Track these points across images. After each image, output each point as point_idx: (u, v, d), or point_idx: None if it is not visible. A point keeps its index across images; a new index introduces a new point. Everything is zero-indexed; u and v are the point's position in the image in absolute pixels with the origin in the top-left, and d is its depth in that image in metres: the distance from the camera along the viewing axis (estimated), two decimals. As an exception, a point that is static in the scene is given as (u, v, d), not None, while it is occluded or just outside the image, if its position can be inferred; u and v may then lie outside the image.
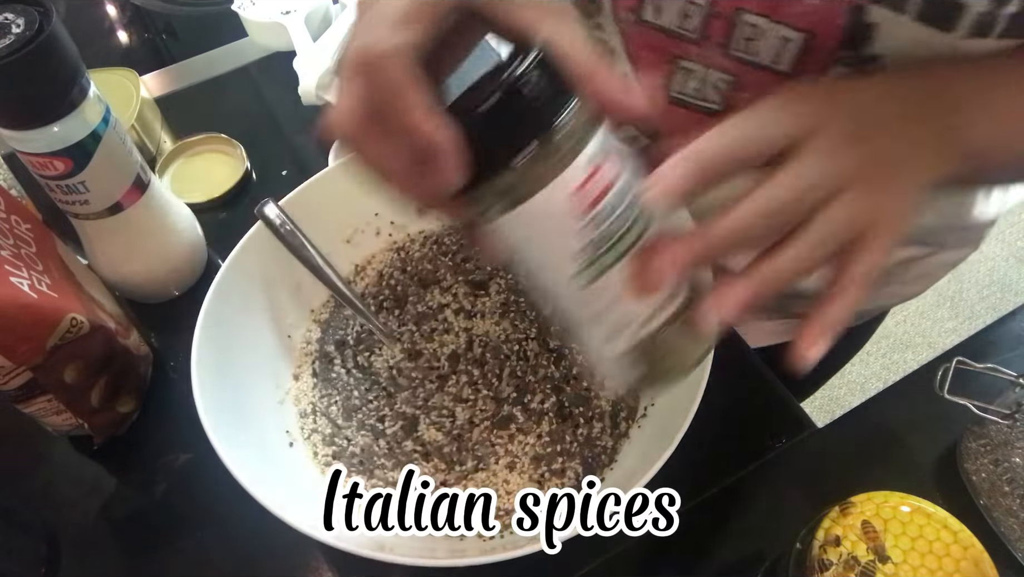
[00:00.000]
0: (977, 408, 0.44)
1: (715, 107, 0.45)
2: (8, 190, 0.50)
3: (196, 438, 0.37)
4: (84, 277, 0.50)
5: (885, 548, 0.37)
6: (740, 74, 0.43)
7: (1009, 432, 0.45)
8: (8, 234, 0.44)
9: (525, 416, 0.46)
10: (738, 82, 0.44)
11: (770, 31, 0.40)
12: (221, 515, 0.47)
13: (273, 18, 0.73)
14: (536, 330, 0.50)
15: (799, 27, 0.39)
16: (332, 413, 0.48)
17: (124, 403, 0.51)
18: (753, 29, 0.40)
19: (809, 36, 0.39)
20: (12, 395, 0.44)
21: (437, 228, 0.55)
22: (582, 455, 0.45)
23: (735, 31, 0.41)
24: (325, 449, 0.46)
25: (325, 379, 0.49)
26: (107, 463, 0.51)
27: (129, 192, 0.50)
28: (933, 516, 0.38)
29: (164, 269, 0.56)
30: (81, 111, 0.44)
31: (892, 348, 1.66)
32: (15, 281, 0.41)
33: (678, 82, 0.46)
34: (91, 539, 0.48)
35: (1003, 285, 1.74)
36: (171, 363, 0.55)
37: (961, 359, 0.46)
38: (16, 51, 0.39)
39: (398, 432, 0.47)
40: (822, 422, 0.50)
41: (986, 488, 0.45)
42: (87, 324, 0.44)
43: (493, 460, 0.45)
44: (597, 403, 0.46)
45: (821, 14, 0.38)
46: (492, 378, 0.48)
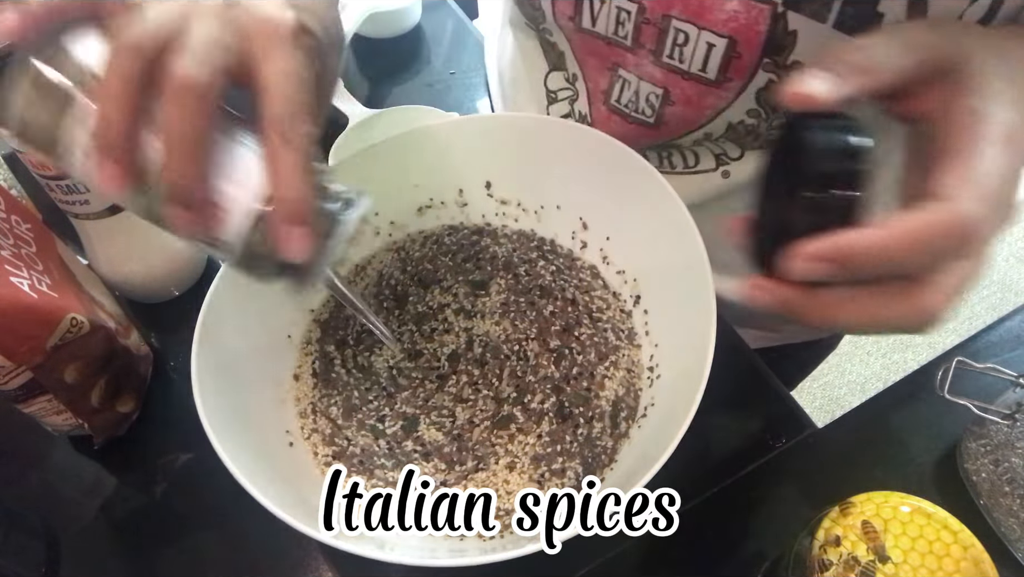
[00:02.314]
0: (977, 408, 0.44)
1: (649, 120, 0.46)
2: (8, 190, 0.50)
3: (196, 438, 0.37)
4: (84, 277, 0.50)
5: (885, 548, 0.37)
6: (669, 85, 0.44)
7: (1009, 432, 0.45)
8: (8, 234, 0.44)
9: (525, 416, 0.46)
10: (667, 95, 0.45)
11: (697, 37, 0.41)
12: (221, 515, 0.47)
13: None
14: (536, 330, 0.50)
15: (722, 33, 0.40)
16: (332, 413, 0.48)
17: (124, 403, 0.51)
18: (682, 35, 0.41)
19: (732, 42, 0.40)
20: (12, 395, 0.44)
21: (437, 228, 0.55)
22: (582, 455, 0.44)
23: (666, 38, 0.42)
24: (325, 449, 0.46)
25: (325, 379, 0.49)
26: (107, 463, 0.51)
27: (129, 192, 0.50)
28: (933, 516, 0.38)
29: (164, 269, 0.56)
30: (81, 111, 0.44)
31: (892, 348, 1.66)
32: (15, 281, 0.41)
33: (616, 91, 0.47)
34: (91, 539, 0.48)
35: (1003, 285, 1.74)
36: (171, 363, 0.55)
37: (961, 359, 0.46)
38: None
39: (398, 432, 0.47)
40: (822, 422, 0.50)
41: (986, 488, 0.45)
42: (87, 324, 0.44)
43: (493, 460, 0.45)
44: (597, 403, 0.46)
45: (742, 20, 0.39)
46: (492, 378, 0.48)
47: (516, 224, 0.55)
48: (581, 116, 0.50)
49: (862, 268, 0.26)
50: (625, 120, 0.48)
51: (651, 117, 0.46)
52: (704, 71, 0.42)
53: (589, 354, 0.48)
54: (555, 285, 0.52)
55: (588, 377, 0.47)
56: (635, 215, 0.48)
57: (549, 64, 0.51)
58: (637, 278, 0.50)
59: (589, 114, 0.49)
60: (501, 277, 0.53)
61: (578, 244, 0.53)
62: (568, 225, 0.53)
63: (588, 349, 0.49)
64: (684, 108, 0.45)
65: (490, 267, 0.53)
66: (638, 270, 0.50)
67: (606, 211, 0.51)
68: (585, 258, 0.53)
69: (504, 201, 0.54)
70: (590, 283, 0.52)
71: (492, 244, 0.54)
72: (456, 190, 0.54)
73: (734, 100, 0.43)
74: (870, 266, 0.26)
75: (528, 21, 0.50)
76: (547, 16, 0.47)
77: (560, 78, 0.50)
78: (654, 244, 0.47)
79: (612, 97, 0.47)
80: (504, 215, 0.55)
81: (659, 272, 0.48)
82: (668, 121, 0.46)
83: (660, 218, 0.46)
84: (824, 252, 0.26)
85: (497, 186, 0.54)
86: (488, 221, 0.55)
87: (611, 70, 0.46)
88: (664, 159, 0.51)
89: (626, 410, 0.46)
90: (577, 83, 0.49)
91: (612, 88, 0.47)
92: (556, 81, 0.51)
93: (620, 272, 0.51)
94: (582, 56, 0.48)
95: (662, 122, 0.46)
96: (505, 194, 0.54)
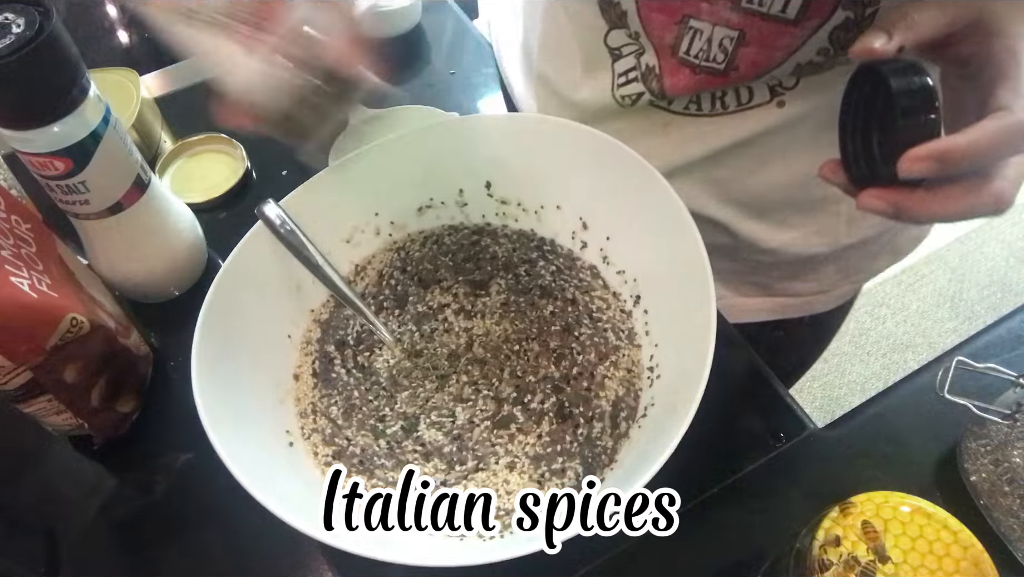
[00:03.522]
0: (977, 408, 0.44)
1: (719, 67, 0.48)
2: (8, 190, 0.50)
3: (196, 438, 0.37)
4: (84, 277, 0.50)
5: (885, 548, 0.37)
6: (746, 27, 0.45)
7: (1009, 432, 0.45)
8: (8, 234, 0.44)
9: (525, 416, 0.46)
10: (743, 36, 0.46)
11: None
12: (221, 515, 0.47)
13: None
14: (536, 330, 0.50)
15: None
16: (332, 413, 0.48)
17: (124, 403, 0.51)
18: None
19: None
20: (12, 395, 0.44)
21: (437, 228, 0.55)
22: (582, 455, 0.44)
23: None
24: (325, 449, 0.46)
25: (325, 379, 0.49)
26: (107, 463, 0.51)
27: (129, 192, 0.50)
28: (933, 516, 0.38)
29: (164, 269, 0.56)
30: (81, 111, 0.44)
31: (892, 348, 1.66)
32: (15, 281, 0.41)
33: (686, 43, 0.48)
34: (91, 539, 0.48)
35: (1003, 285, 1.74)
36: (171, 363, 0.55)
37: (961, 359, 0.46)
38: (16, 51, 0.39)
39: (398, 432, 0.47)
40: (822, 422, 0.50)
41: (986, 488, 0.45)
42: (87, 324, 0.44)
43: (493, 460, 0.45)
44: (597, 403, 0.46)
45: None
46: (492, 378, 0.48)
47: (516, 224, 0.55)
48: (648, 68, 0.51)
49: (957, 164, 0.33)
50: (693, 71, 0.49)
51: (722, 64, 0.48)
52: (784, 11, 0.43)
53: (589, 354, 0.48)
54: (555, 285, 0.52)
55: (588, 377, 0.47)
56: (635, 215, 0.48)
57: (608, 22, 0.52)
58: (637, 278, 0.50)
59: (658, 64, 0.51)
60: (501, 277, 0.53)
61: (578, 244, 0.53)
62: (568, 225, 0.53)
63: (588, 349, 0.49)
64: (758, 50, 0.46)
65: (490, 267, 0.53)
66: (638, 270, 0.50)
67: (606, 211, 0.51)
68: (585, 258, 0.53)
69: (504, 201, 0.54)
70: (590, 283, 0.52)
71: (492, 244, 0.54)
72: (456, 190, 0.54)
73: (808, 38, 0.45)
74: (964, 163, 0.33)
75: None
76: None
77: (622, 35, 0.52)
78: (654, 244, 0.47)
79: (680, 50, 0.48)
80: (504, 215, 0.55)
81: (659, 272, 0.48)
82: (739, 65, 0.47)
83: (660, 218, 0.46)
84: (929, 153, 0.33)
85: (497, 186, 0.54)
86: (488, 221, 0.55)
87: (679, 23, 0.48)
88: (717, 100, 0.52)
89: (626, 410, 0.46)
90: (641, 39, 0.50)
91: (680, 41, 0.48)
92: (618, 38, 0.52)
93: (620, 272, 0.51)
94: (647, 13, 0.49)
95: (732, 67, 0.48)
96: (505, 194, 0.54)
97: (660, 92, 0.51)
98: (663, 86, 0.51)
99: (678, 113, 0.53)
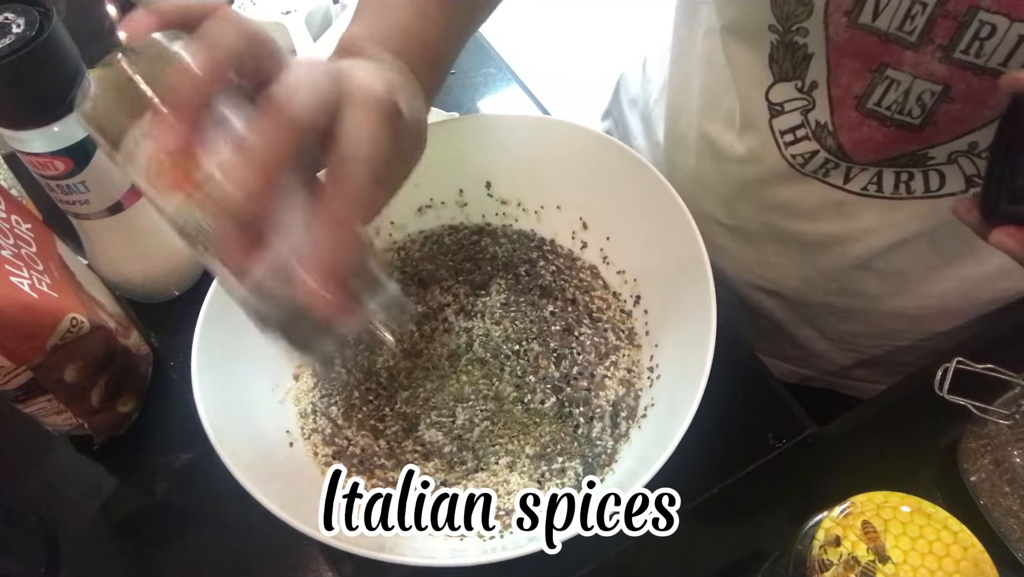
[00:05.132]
0: (977, 408, 0.44)
1: (914, 122, 0.44)
2: (8, 190, 0.50)
3: (196, 438, 0.37)
4: (84, 277, 0.50)
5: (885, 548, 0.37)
6: (953, 81, 0.41)
7: (1009, 432, 0.45)
8: (8, 234, 0.44)
9: (525, 416, 0.46)
10: (947, 91, 0.42)
11: (1007, 30, 0.38)
12: (221, 515, 0.47)
13: (273, 18, 0.73)
14: (536, 330, 0.50)
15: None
16: (332, 413, 0.48)
17: (124, 403, 0.51)
18: (987, 28, 0.39)
19: None
20: (12, 395, 0.44)
21: (437, 228, 0.55)
22: (582, 455, 0.44)
23: (965, 31, 0.39)
24: (325, 449, 0.46)
25: (325, 379, 0.49)
26: (107, 463, 0.51)
27: (129, 192, 0.50)
28: (933, 516, 0.38)
29: (164, 269, 0.56)
30: (81, 111, 0.44)
31: (892, 348, 1.65)
32: (15, 281, 0.41)
33: (878, 94, 0.44)
34: (91, 539, 0.48)
35: (1003, 285, 1.73)
36: (171, 363, 0.55)
37: (961, 359, 0.46)
38: (16, 51, 0.39)
39: (398, 432, 0.47)
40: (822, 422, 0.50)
41: (986, 488, 0.45)
42: (87, 324, 0.44)
43: (493, 460, 0.45)
44: (597, 403, 0.46)
45: None
46: (492, 378, 0.48)
47: (516, 224, 0.55)
48: (819, 125, 0.47)
49: None
50: (883, 124, 0.45)
51: (918, 118, 0.44)
52: (1005, 65, 0.39)
53: (589, 354, 0.48)
54: (555, 285, 0.52)
55: (588, 377, 0.47)
56: (635, 215, 0.48)
57: (776, 74, 0.48)
58: (637, 278, 0.50)
59: (830, 122, 0.47)
60: (501, 277, 0.53)
61: (578, 244, 0.53)
62: (568, 225, 0.53)
63: (588, 349, 0.49)
64: (963, 106, 0.42)
65: (490, 267, 0.53)
66: (638, 270, 0.50)
67: (606, 211, 0.51)
68: (585, 258, 0.53)
69: (504, 201, 0.54)
70: (590, 283, 0.52)
71: (492, 244, 0.54)
72: (456, 190, 0.54)
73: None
74: None
75: (778, 21, 0.45)
76: (815, 11, 0.44)
77: (790, 88, 0.47)
78: (654, 244, 0.47)
79: (870, 100, 0.44)
80: (504, 215, 0.55)
81: (659, 272, 0.48)
82: (938, 121, 0.43)
83: (660, 218, 0.46)
84: None
85: (497, 186, 0.54)
86: (488, 221, 0.55)
87: (874, 71, 0.43)
88: (901, 183, 0.48)
89: (626, 410, 0.46)
90: (815, 91, 0.47)
91: (872, 91, 0.44)
92: (783, 92, 0.48)
93: (620, 272, 0.51)
94: (836, 59, 0.44)
95: (930, 123, 0.44)
96: (505, 194, 0.54)
97: (838, 150, 0.48)
98: (840, 143, 0.47)
99: (854, 193, 0.50)
